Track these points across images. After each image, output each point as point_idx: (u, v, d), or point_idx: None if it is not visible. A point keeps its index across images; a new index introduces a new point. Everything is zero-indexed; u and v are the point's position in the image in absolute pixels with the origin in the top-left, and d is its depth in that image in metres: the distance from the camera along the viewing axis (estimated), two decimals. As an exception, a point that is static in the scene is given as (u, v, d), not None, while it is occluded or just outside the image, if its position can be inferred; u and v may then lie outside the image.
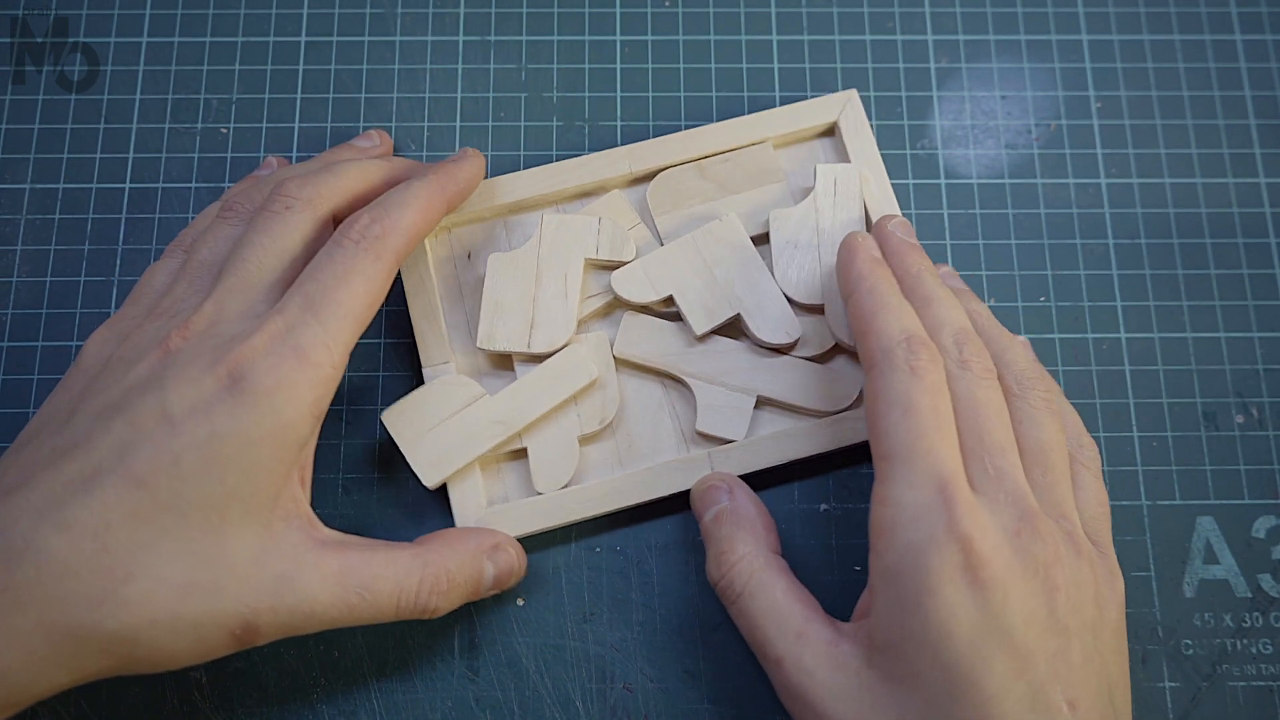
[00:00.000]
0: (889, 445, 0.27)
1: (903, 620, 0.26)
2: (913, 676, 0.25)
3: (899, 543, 0.26)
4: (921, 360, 0.28)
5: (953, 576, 0.25)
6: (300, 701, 0.32)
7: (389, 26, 0.39)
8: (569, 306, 0.34)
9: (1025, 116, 0.39)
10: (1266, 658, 0.33)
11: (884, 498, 0.27)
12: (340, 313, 0.27)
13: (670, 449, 0.34)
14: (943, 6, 0.40)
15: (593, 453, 0.34)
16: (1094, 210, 0.38)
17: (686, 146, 0.36)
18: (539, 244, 0.35)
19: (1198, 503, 0.35)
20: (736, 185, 0.36)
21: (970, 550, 0.25)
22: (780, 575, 0.29)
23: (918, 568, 0.25)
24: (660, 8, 0.40)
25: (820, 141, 0.37)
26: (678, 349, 0.34)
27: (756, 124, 0.36)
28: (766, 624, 0.28)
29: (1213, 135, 0.39)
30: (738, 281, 0.34)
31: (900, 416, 0.27)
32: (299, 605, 0.27)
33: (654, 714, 0.32)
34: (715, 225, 0.35)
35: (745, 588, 0.29)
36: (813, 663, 0.27)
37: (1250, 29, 0.40)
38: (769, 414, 0.34)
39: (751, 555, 0.30)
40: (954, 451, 0.27)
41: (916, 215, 0.37)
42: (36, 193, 0.37)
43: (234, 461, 0.26)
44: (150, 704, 0.32)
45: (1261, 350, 0.36)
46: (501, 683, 0.33)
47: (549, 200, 0.36)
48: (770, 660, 0.28)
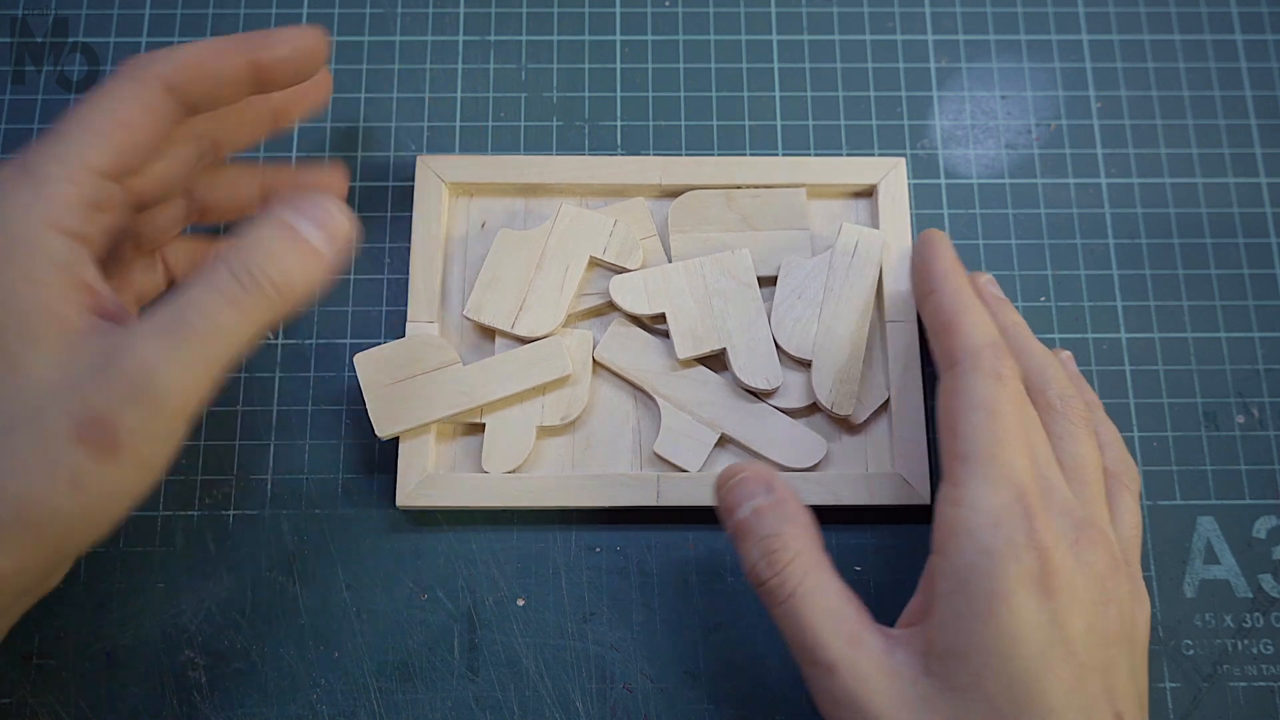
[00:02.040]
0: (968, 447, 0.26)
1: (971, 626, 0.25)
2: (975, 686, 0.25)
3: (973, 547, 0.25)
4: (1006, 368, 0.28)
5: (1028, 585, 0.25)
6: (300, 701, 0.32)
7: (389, 26, 0.39)
8: (562, 298, 0.34)
9: (1025, 116, 0.39)
10: (1267, 658, 0.33)
11: (958, 499, 0.26)
12: (82, 130, 0.26)
13: (624, 462, 0.34)
14: (943, 6, 0.40)
15: (548, 446, 0.34)
16: (1094, 210, 0.38)
17: (721, 171, 0.36)
18: (550, 230, 0.35)
19: (1198, 503, 0.35)
20: (760, 223, 0.36)
21: (1047, 559, 0.25)
22: (833, 577, 0.28)
23: (993, 573, 0.25)
24: (660, 8, 0.40)
25: (855, 201, 0.37)
26: (657, 367, 0.34)
27: (797, 167, 0.36)
28: (821, 627, 0.27)
29: (1213, 135, 0.39)
30: (733, 317, 0.34)
31: (984, 419, 0.27)
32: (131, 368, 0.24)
33: (654, 714, 0.32)
34: (726, 256, 0.35)
35: (799, 588, 0.27)
36: (869, 669, 0.26)
37: (1250, 29, 0.40)
38: (730, 453, 0.34)
39: (805, 554, 0.28)
40: (1031, 463, 0.27)
41: (916, 215, 0.37)
42: (36, 193, 0.37)
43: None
44: (150, 704, 0.32)
45: (1262, 350, 0.36)
46: (501, 683, 0.33)
47: (574, 190, 0.36)
48: (821, 665, 0.26)
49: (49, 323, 0.24)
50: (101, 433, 0.24)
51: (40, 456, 0.23)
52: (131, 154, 0.27)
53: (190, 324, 0.24)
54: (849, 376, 0.33)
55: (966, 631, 0.25)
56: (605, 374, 0.35)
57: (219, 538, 0.34)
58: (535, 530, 0.34)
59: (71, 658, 0.32)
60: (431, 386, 0.33)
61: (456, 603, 0.33)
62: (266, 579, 0.33)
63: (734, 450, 0.34)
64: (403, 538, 0.34)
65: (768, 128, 0.38)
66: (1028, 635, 0.25)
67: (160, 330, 0.24)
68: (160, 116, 0.27)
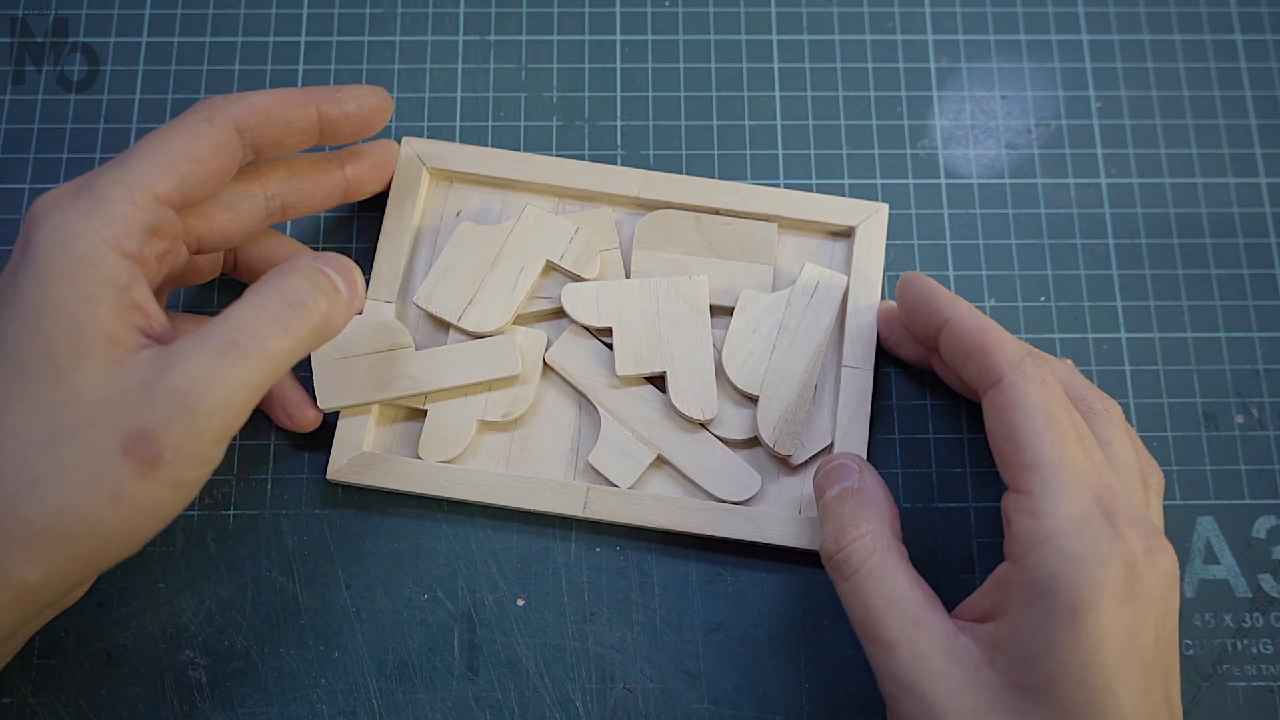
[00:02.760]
0: (1033, 455, 0.26)
1: (1051, 633, 0.25)
2: (1047, 689, 0.25)
3: (1057, 555, 0.25)
4: (1049, 375, 0.27)
5: (1115, 591, 0.25)
6: (300, 701, 0.32)
7: (389, 26, 0.39)
8: (512, 297, 0.34)
9: (1025, 116, 0.39)
10: (1267, 658, 0.33)
11: (1035, 509, 0.26)
12: (149, 157, 0.27)
13: (558, 468, 0.34)
14: (943, 6, 0.40)
15: (486, 440, 0.34)
16: (1094, 210, 0.38)
17: (701, 193, 0.36)
18: (511, 229, 0.35)
19: (1198, 503, 0.35)
20: (725, 251, 0.36)
21: (1132, 565, 0.25)
22: (902, 560, 0.28)
23: (1078, 581, 0.25)
24: (660, 8, 0.40)
25: (832, 241, 0.36)
26: (605, 379, 0.34)
27: (777, 199, 0.36)
28: (882, 605, 0.27)
29: (1213, 135, 0.39)
30: (679, 342, 0.34)
31: (1044, 425, 0.26)
32: (178, 386, 0.25)
33: (654, 714, 0.32)
34: (683, 280, 0.35)
35: (864, 565, 0.28)
36: (929, 650, 0.26)
37: (1250, 29, 0.40)
38: (665, 475, 0.34)
39: (875, 534, 0.29)
40: (1099, 464, 0.27)
41: (916, 215, 0.37)
42: (36, 193, 0.37)
43: (36, 305, 0.25)
44: (150, 704, 0.32)
45: (1261, 350, 0.36)
46: (501, 683, 0.33)
47: (550, 191, 0.36)
48: (881, 643, 0.27)
49: (100, 338, 0.25)
50: (147, 447, 0.24)
51: (85, 467, 0.24)
52: (195, 186, 0.28)
53: (241, 346, 0.25)
54: (794, 417, 0.33)
55: (1045, 638, 0.25)
56: (554, 378, 0.35)
57: (219, 538, 0.34)
58: (536, 530, 0.34)
59: (71, 658, 0.32)
60: (381, 367, 0.33)
61: (456, 603, 0.33)
62: (266, 579, 0.33)
63: (669, 473, 0.34)
64: (403, 537, 0.34)
65: (768, 128, 0.38)
66: (1108, 643, 0.24)
67: (211, 350, 0.25)
68: (227, 154, 0.28)
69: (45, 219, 0.25)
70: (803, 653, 0.33)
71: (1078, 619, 0.24)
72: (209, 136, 0.28)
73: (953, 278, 0.37)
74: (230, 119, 0.28)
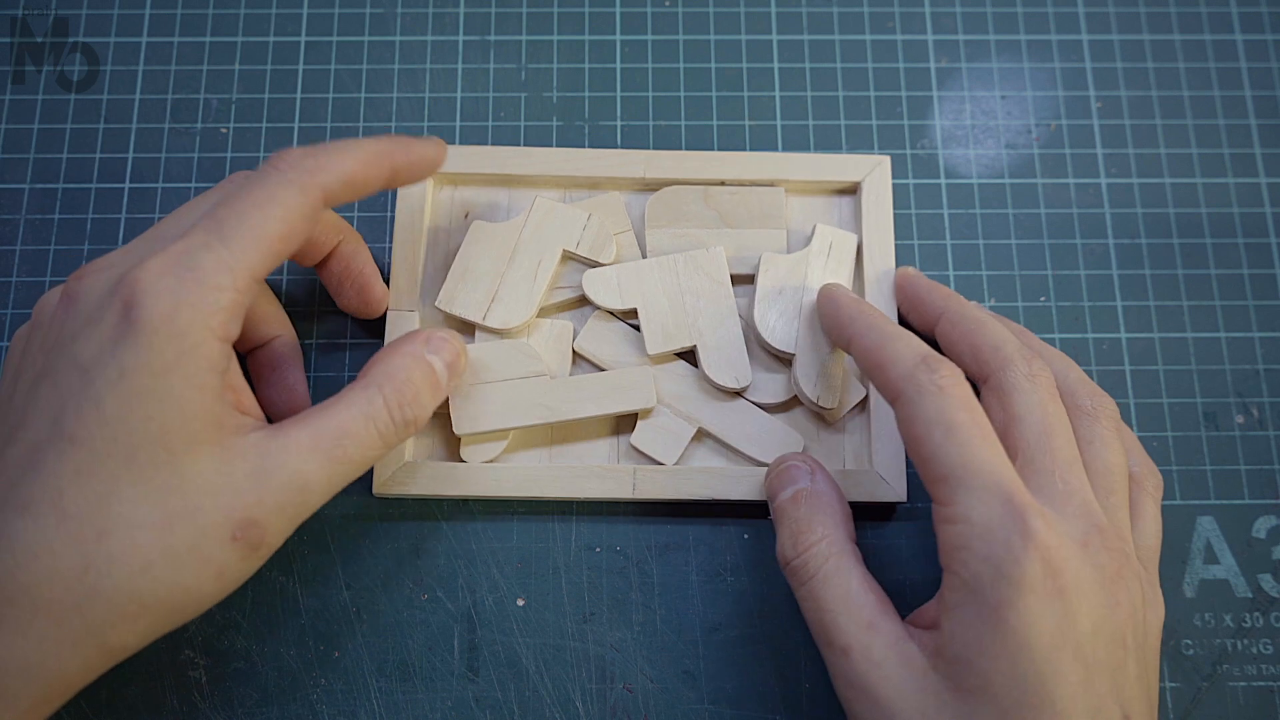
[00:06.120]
0: (940, 467, 0.27)
1: (980, 634, 0.25)
2: (983, 689, 0.25)
3: (974, 558, 0.26)
4: (945, 377, 0.27)
5: (1034, 586, 0.25)
6: (300, 701, 0.32)
7: (389, 26, 0.39)
8: (534, 291, 0.34)
9: (1025, 116, 0.39)
10: (1267, 658, 0.33)
11: (950, 517, 0.26)
12: (249, 237, 0.26)
13: (601, 454, 0.34)
14: (943, 6, 0.40)
15: (523, 434, 0.34)
16: (1094, 210, 0.38)
17: (705, 166, 0.36)
18: (524, 224, 0.35)
19: (1198, 503, 0.35)
20: (736, 220, 0.36)
21: (1049, 558, 0.25)
22: (856, 563, 0.29)
23: (998, 581, 0.25)
24: (660, 8, 0.40)
25: (839, 199, 0.37)
26: (636, 360, 0.34)
27: (780, 164, 0.36)
28: (839, 610, 0.28)
29: (1213, 135, 0.39)
30: (704, 315, 0.34)
31: (944, 436, 0.27)
32: (288, 482, 0.26)
33: (654, 714, 0.32)
34: (700, 254, 0.35)
35: (820, 571, 0.28)
36: (882, 655, 0.27)
37: (1250, 29, 0.40)
38: (708, 448, 0.34)
39: (830, 538, 0.29)
40: (1005, 460, 0.27)
41: (916, 215, 0.37)
42: (36, 193, 0.37)
43: (150, 394, 0.25)
44: (150, 704, 0.32)
45: (1261, 350, 0.36)
46: (501, 683, 0.33)
47: (555, 182, 0.36)
48: (836, 648, 0.27)
49: (208, 425, 0.26)
50: (255, 534, 0.26)
51: (196, 552, 0.25)
52: (282, 259, 0.28)
53: (346, 451, 0.27)
54: (832, 370, 0.34)
55: (976, 640, 0.25)
56: (584, 365, 0.35)
57: (219, 538, 0.34)
58: (535, 530, 0.34)
59: (71, 658, 0.32)
60: (514, 394, 0.33)
61: (456, 603, 0.33)
62: (266, 579, 0.33)
63: (711, 445, 0.34)
64: (403, 537, 0.34)
65: (768, 127, 0.38)
66: (1036, 636, 0.25)
67: (318, 451, 0.27)
68: (313, 224, 0.28)
69: (153, 301, 0.25)
70: (803, 653, 0.33)
71: (1000, 617, 0.25)
72: (301, 211, 0.27)
73: (953, 278, 0.37)
74: (321, 190, 0.28)
